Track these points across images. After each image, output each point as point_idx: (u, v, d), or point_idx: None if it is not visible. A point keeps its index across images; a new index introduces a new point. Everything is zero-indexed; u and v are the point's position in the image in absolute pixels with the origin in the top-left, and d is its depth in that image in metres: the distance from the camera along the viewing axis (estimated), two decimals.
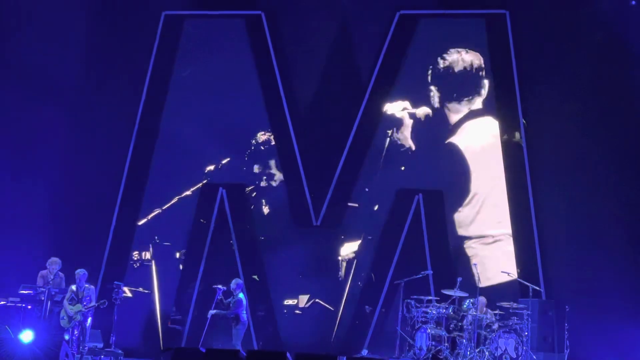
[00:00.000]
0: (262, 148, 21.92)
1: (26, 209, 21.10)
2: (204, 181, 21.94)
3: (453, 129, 21.23)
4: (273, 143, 21.82)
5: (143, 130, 22.12)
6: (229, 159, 21.94)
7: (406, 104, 21.50)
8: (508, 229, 20.55)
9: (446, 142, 21.19)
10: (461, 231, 20.82)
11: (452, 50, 21.37)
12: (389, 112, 21.54)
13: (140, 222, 21.94)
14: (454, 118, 21.26)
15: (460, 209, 20.86)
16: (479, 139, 21.12)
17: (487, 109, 21.16)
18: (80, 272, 18.00)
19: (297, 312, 21.29)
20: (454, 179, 20.98)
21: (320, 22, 21.68)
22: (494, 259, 20.47)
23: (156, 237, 21.79)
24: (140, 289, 20.98)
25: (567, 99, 20.28)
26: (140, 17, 22.07)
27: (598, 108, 20.13)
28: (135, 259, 21.79)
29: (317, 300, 21.13)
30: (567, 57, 20.36)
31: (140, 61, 22.09)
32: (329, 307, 20.96)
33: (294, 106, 21.72)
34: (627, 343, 18.68)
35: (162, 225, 21.79)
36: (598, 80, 20.16)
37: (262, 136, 21.98)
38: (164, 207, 21.90)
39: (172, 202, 21.91)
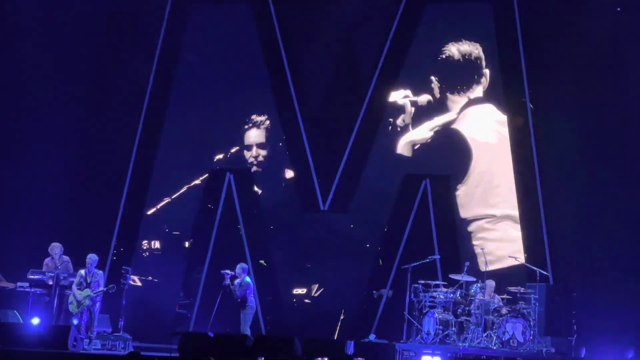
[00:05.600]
0: (269, 133, 21.94)
1: (35, 195, 21.15)
2: (215, 168, 21.99)
3: (458, 115, 21.21)
4: (280, 128, 21.82)
5: (150, 117, 22.13)
6: (237, 147, 21.97)
7: (411, 90, 21.50)
8: (516, 214, 20.53)
9: (452, 128, 21.17)
10: (468, 216, 20.82)
11: (458, 38, 21.33)
12: (395, 99, 21.52)
13: (150, 212, 21.98)
14: (458, 104, 21.23)
15: (466, 194, 20.85)
16: (487, 125, 21.10)
17: (491, 96, 21.09)
18: (92, 257, 18.02)
19: (307, 301, 21.32)
20: (460, 164, 20.96)
21: (327, 6, 21.62)
22: (501, 243, 20.45)
23: (164, 224, 21.85)
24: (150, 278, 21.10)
25: (575, 82, 20.18)
26: (148, 2, 22.05)
27: (606, 89, 20.03)
28: (145, 247, 21.84)
29: (324, 286, 21.18)
30: (576, 41, 20.25)
31: (146, 47, 22.08)
32: (337, 293, 20.99)
33: (301, 91, 21.70)
34: (635, 328, 18.65)
35: (169, 211, 21.82)
36: (607, 62, 20.08)
37: (269, 122, 21.99)
38: (173, 197, 21.93)
39: (182, 191, 21.94)
